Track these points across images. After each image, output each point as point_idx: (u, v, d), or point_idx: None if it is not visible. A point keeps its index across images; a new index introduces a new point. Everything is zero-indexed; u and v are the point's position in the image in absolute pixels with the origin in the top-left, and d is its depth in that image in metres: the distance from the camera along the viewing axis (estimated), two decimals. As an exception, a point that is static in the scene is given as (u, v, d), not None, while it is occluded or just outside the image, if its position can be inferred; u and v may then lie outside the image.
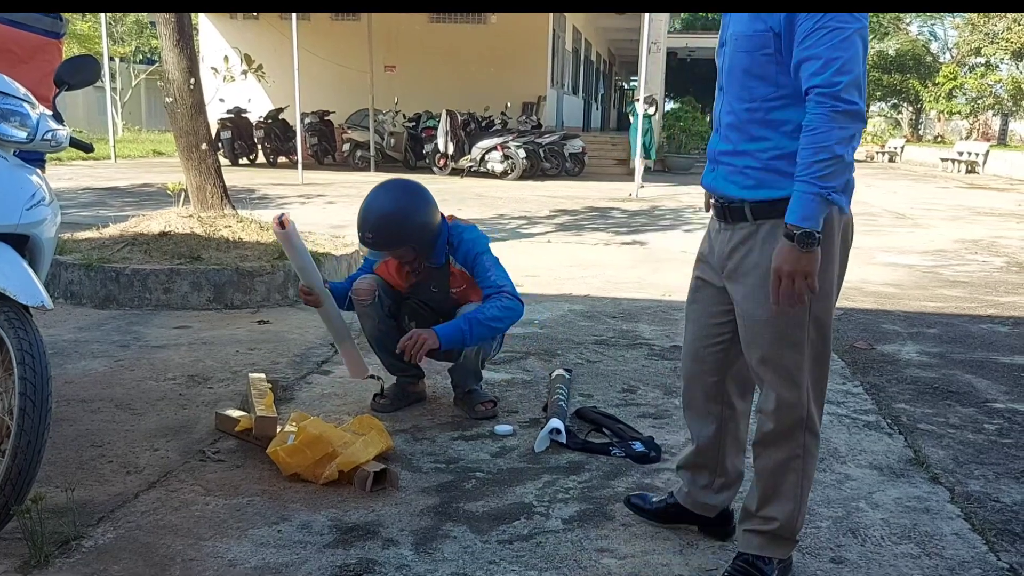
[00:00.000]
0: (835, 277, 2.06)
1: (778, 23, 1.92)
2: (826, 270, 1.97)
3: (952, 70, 33.70)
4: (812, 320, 2.02)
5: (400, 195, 3.16)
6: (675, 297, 5.68)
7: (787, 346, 2.04)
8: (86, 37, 24.23)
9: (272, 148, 17.89)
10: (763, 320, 2.04)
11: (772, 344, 2.05)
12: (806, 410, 2.09)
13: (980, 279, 6.79)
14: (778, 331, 2.03)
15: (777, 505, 2.14)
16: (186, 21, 5.97)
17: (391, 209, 3.11)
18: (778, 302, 1.94)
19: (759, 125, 2.01)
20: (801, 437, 2.10)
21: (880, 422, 3.42)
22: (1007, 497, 2.75)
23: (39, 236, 2.51)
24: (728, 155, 2.08)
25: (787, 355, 2.05)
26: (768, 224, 2.01)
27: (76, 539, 2.31)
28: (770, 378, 2.09)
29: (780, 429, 2.10)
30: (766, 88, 1.98)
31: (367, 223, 3.12)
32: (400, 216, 3.10)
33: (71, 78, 2.90)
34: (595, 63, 29.96)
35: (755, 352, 2.10)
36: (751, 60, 1.98)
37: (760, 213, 2.02)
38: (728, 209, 2.10)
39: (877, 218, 11.14)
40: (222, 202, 6.16)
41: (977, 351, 4.55)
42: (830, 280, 2.02)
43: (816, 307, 2.01)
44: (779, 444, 2.11)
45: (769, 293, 1.96)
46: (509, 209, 10.85)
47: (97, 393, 3.53)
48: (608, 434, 3.17)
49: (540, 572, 2.22)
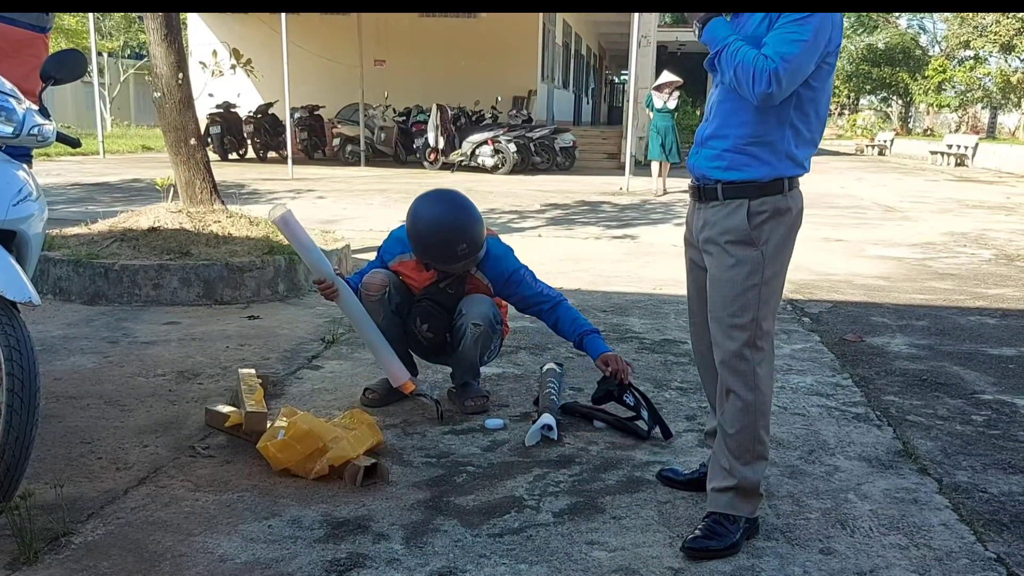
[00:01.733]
0: (787, 247, 2.33)
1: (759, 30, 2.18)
2: (780, 242, 2.28)
3: (941, 63, 33.85)
4: (763, 281, 2.28)
5: (470, 205, 3.21)
6: (666, 291, 5.70)
7: (741, 304, 2.29)
8: (74, 32, 24.09)
9: (262, 143, 17.82)
10: (721, 281, 2.31)
11: (726, 304, 2.30)
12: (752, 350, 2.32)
13: (969, 271, 6.82)
14: (734, 290, 2.28)
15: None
16: (174, 16, 5.93)
17: (477, 218, 3.17)
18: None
19: (743, 112, 2.24)
20: (752, 378, 2.31)
21: (869, 414, 3.44)
22: (995, 488, 2.77)
23: (26, 232, 2.50)
24: (713, 138, 2.31)
25: (741, 312, 2.29)
26: (735, 203, 2.28)
27: (65, 535, 2.30)
28: (720, 335, 2.34)
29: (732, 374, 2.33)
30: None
31: (463, 235, 3.11)
32: (481, 225, 3.18)
33: (57, 73, 2.88)
34: (585, 57, 29.95)
35: (716, 311, 2.34)
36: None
37: (729, 193, 2.29)
38: (703, 189, 2.35)
39: (866, 211, 11.19)
40: (211, 197, 6.13)
41: (965, 343, 4.58)
42: (782, 251, 2.31)
43: (767, 272, 2.28)
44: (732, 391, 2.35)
45: (729, 258, 2.28)
46: (500, 203, 10.84)
47: (86, 389, 3.51)
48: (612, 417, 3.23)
49: (531, 565, 2.23)
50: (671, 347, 4.32)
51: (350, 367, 3.90)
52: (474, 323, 3.22)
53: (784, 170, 2.27)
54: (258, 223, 5.93)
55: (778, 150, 2.25)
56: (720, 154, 2.29)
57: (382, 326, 3.30)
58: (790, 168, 2.28)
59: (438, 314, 3.31)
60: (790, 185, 2.29)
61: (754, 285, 2.28)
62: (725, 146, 2.28)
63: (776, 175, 2.26)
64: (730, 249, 2.29)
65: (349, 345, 4.24)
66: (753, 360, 2.31)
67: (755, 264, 2.27)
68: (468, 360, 3.34)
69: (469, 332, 3.23)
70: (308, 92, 17.46)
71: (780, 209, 2.27)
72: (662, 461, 2.91)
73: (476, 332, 3.22)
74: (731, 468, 2.35)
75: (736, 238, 2.28)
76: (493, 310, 3.28)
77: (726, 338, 2.33)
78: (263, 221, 6.00)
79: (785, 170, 2.27)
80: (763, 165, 2.25)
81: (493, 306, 3.29)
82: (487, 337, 3.29)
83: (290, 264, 5.34)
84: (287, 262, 5.32)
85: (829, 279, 6.31)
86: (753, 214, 2.26)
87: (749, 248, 2.27)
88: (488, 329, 3.26)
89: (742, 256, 2.28)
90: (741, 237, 2.27)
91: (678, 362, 4.06)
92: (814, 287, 5.98)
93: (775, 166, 2.25)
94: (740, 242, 2.28)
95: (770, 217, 2.26)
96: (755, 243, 2.27)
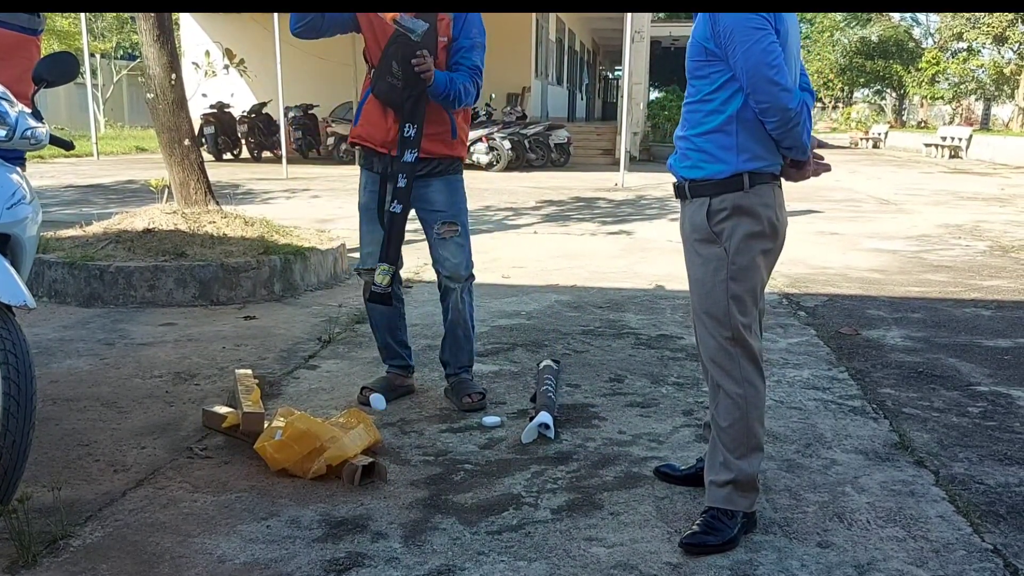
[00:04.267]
0: (756, 243, 2.34)
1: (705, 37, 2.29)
2: (744, 239, 2.31)
3: (935, 55, 33.87)
4: (729, 277, 2.32)
5: None
6: (662, 286, 5.70)
7: (712, 299, 2.34)
8: (66, 34, 24.00)
9: (256, 143, 17.78)
10: (694, 278, 2.40)
11: (701, 300, 2.37)
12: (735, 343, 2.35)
13: (964, 263, 6.84)
14: (705, 287, 2.35)
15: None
16: (166, 16, 5.92)
17: None
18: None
19: (700, 112, 2.34)
20: (738, 372, 2.34)
21: (865, 407, 3.44)
22: (991, 479, 2.78)
23: (20, 235, 2.50)
24: (680, 139, 2.42)
25: (713, 307, 2.34)
26: (699, 201, 2.35)
27: (64, 538, 2.30)
28: (701, 331, 2.39)
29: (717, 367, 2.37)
30: (701, 84, 2.34)
31: None
32: None
33: (49, 75, 2.87)
34: (579, 53, 29.92)
35: (693, 306, 2.42)
36: (692, 64, 2.35)
37: (694, 191, 2.36)
38: (678, 188, 2.44)
39: (861, 204, 11.20)
40: (206, 198, 6.13)
41: (961, 335, 4.59)
42: (749, 247, 2.32)
43: (732, 268, 2.33)
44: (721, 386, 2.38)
45: (697, 255, 2.37)
46: (495, 201, 10.84)
47: (83, 392, 3.51)
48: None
49: (529, 562, 2.23)
50: (667, 343, 4.32)
51: (347, 366, 3.90)
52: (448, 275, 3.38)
53: (742, 165, 2.29)
54: (253, 223, 5.92)
55: (733, 146, 2.29)
56: (685, 153, 2.38)
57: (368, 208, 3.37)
58: (749, 163, 2.30)
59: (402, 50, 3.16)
60: (751, 181, 2.30)
61: (721, 281, 2.32)
62: (689, 146, 2.37)
63: (734, 171, 2.29)
64: (697, 247, 2.38)
65: (346, 344, 4.24)
66: (735, 354, 2.34)
67: (719, 260, 2.32)
68: (460, 334, 3.45)
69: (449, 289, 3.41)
70: (302, 91, 17.42)
71: (742, 207, 2.30)
72: (659, 457, 2.92)
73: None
74: (727, 462, 2.36)
75: (701, 236, 2.36)
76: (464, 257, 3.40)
77: (707, 334, 2.38)
78: (258, 221, 6.01)
79: (744, 165, 2.29)
80: (718, 163, 2.31)
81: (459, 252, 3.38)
82: (471, 324, 3.47)
83: (285, 264, 5.34)
84: (282, 262, 5.32)
85: (824, 272, 6.31)
86: (713, 212, 2.32)
87: (712, 245, 2.34)
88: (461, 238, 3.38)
89: (707, 253, 2.35)
90: (704, 235, 2.35)
91: (674, 357, 4.07)
92: (810, 281, 5.99)
93: (732, 163, 2.29)
94: (704, 240, 2.35)
95: (731, 215, 2.30)
96: (717, 240, 2.32)
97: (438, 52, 3.21)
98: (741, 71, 2.22)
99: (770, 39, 2.19)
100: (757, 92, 2.21)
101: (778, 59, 2.19)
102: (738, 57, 2.21)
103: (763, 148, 2.31)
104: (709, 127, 2.31)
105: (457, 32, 3.25)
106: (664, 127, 20.30)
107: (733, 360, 2.34)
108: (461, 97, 3.20)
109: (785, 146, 2.33)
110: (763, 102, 2.22)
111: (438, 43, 3.21)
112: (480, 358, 3.95)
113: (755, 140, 2.30)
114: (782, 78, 2.20)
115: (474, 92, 3.26)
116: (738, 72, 2.23)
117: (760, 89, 2.21)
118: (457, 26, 3.25)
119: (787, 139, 2.29)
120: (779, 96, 2.21)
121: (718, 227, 2.31)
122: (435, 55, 3.18)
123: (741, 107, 2.27)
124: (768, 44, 2.19)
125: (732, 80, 2.26)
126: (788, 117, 2.23)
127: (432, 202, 3.33)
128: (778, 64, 2.20)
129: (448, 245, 3.36)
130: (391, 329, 3.48)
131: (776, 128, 2.27)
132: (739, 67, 2.22)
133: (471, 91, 3.24)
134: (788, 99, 2.21)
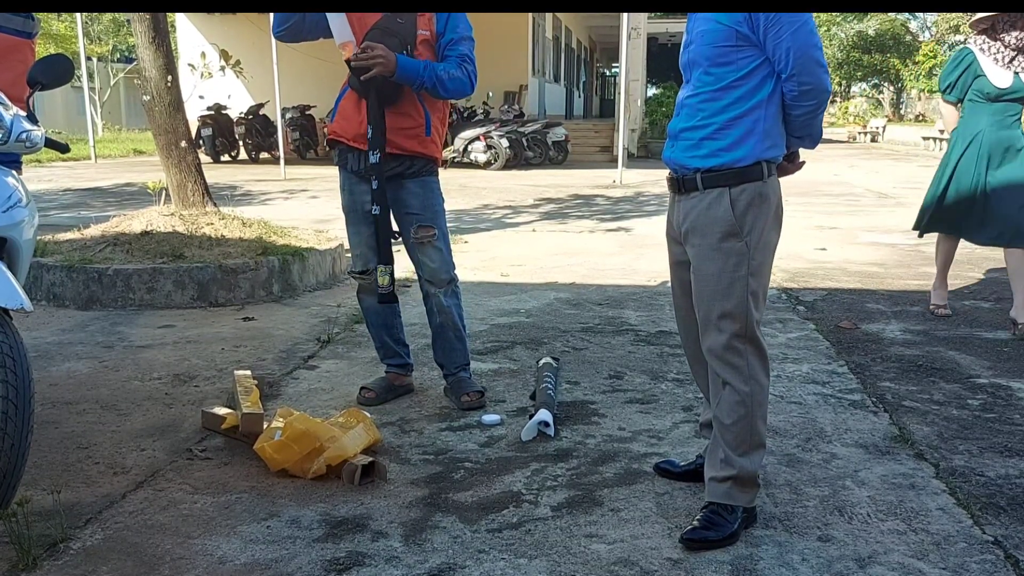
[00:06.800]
0: (772, 235, 2.32)
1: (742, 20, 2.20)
2: (764, 231, 2.27)
3: (932, 48, 33.87)
4: (750, 273, 2.27)
5: None
6: (660, 283, 5.70)
7: (729, 296, 2.28)
8: (62, 37, 23.96)
9: (254, 144, 17.77)
10: (708, 274, 2.30)
11: (714, 296, 2.30)
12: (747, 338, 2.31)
13: (962, 256, 6.81)
14: (722, 283, 2.27)
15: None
16: (162, 18, 5.92)
17: None
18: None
19: (719, 102, 2.26)
20: (747, 369, 2.31)
21: (865, 401, 3.44)
22: (991, 471, 2.78)
23: (17, 238, 2.49)
24: (688, 130, 2.32)
25: (729, 304, 2.28)
26: (715, 192, 2.27)
27: (64, 541, 2.30)
28: (708, 328, 2.34)
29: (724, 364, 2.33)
30: (725, 71, 2.25)
31: None
32: None
33: (45, 78, 2.86)
34: (576, 50, 29.91)
35: (703, 304, 2.34)
36: (714, 51, 2.25)
37: (708, 182, 2.28)
38: (683, 180, 2.34)
39: (860, 198, 11.19)
40: (203, 199, 6.12)
41: (960, 327, 4.59)
42: (767, 239, 2.30)
43: (754, 262, 2.27)
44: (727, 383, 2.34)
45: (714, 250, 2.27)
46: (493, 199, 10.84)
47: (82, 394, 3.51)
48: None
49: (530, 560, 2.23)
50: (666, 339, 4.32)
51: (346, 366, 3.89)
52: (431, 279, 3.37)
53: (764, 153, 2.26)
54: (251, 224, 5.92)
55: (759, 132, 2.25)
56: (697, 143, 2.29)
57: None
58: (769, 151, 2.28)
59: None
60: (769, 171, 2.29)
61: (741, 276, 2.26)
62: (702, 135, 2.28)
63: (756, 158, 2.25)
64: (713, 242, 2.27)
65: (345, 344, 4.24)
66: (745, 351, 2.31)
67: (740, 256, 2.26)
68: (450, 332, 3.42)
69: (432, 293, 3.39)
70: (299, 92, 17.40)
71: (764, 195, 2.26)
72: (659, 453, 2.91)
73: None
74: (728, 459, 2.35)
75: (722, 229, 2.26)
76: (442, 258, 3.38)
77: (715, 330, 2.32)
78: (256, 222, 6.00)
79: (765, 153, 2.27)
80: (740, 150, 2.25)
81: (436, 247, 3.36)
82: (462, 314, 3.45)
83: (284, 265, 5.34)
84: (281, 263, 5.32)
85: (823, 267, 6.31)
86: (735, 202, 2.25)
87: (733, 239, 2.26)
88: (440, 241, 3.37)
89: (727, 248, 2.26)
90: (726, 228, 2.26)
91: (674, 354, 4.06)
92: (808, 275, 5.98)
93: (755, 151, 2.25)
94: (726, 234, 2.26)
95: (751, 204, 2.25)
96: (739, 233, 2.25)
97: (417, 45, 3.17)
98: (786, 52, 2.16)
99: (813, 21, 2.20)
100: (803, 73, 2.18)
101: (820, 41, 2.21)
102: (784, 38, 2.15)
103: (780, 136, 2.31)
104: (734, 114, 2.24)
105: (442, 28, 3.22)
106: (662, 123, 20.30)
107: (743, 357, 2.31)
108: (445, 82, 3.13)
109: (804, 133, 2.31)
110: (807, 83, 2.19)
111: (417, 36, 3.17)
112: (479, 356, 3.95)
113: (776, 128, 2.28)
114: (824, 60, 2.22)
115: (466, 79, 3.19)
116: (781, 53, 2.17)
117: (807, 70, 2.18)
118: (441, 22, 3.22)
119: (811, 125, 2.29)
120: (823, 78, 2.20)
121: (741, 219, 2.25)
122: (414, 49, 3.15)
123: (771, 93, 2.24)
124: (813, 25, 2.19)
125: (763, 65, 2.22)
126: (823, 100, 2.23)
127: (407, 204, 3.31)
128: (821, 46, 2.22)
129: (426, 250, 3.33)
130: (387, 328, 3.48)
131: (807, 113, 2.25)
132: (784, 48, 2.16)
133: (461, 77, 3.17)
134: (829, 81, 2.22)
